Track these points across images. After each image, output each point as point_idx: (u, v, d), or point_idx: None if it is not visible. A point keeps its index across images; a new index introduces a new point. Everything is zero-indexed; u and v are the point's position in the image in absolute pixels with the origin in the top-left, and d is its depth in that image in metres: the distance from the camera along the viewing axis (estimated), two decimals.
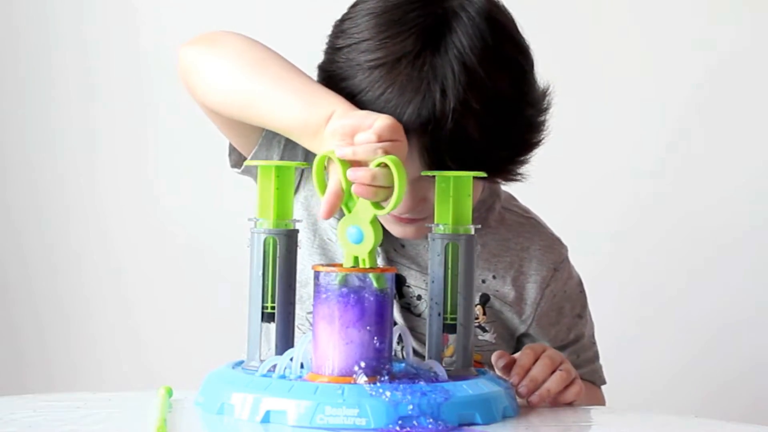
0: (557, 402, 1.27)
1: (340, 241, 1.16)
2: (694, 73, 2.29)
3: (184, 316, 2.44)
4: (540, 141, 1.34)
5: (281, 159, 1.39)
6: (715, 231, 2.29)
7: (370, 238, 1.15)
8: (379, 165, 1.14)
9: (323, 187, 1.17)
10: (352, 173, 1.14)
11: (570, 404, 1.28)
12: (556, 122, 2.26)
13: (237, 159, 1.43)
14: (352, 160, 1.15)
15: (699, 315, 2.29)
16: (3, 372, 2.46)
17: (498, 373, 1.29)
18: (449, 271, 1.20)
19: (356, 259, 1.16)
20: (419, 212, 1.33)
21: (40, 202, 2.47)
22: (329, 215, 1.15)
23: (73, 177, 2.46)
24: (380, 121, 1.16)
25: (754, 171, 2.29)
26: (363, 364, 1.12)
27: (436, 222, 1.21)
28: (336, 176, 1.16)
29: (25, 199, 2.47)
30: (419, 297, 1.42)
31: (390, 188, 1.14)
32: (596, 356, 1.53)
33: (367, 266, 1.15)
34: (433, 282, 1.20)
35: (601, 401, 1.52)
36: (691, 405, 2.27)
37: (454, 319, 1.20)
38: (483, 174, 1.28)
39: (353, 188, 1.14)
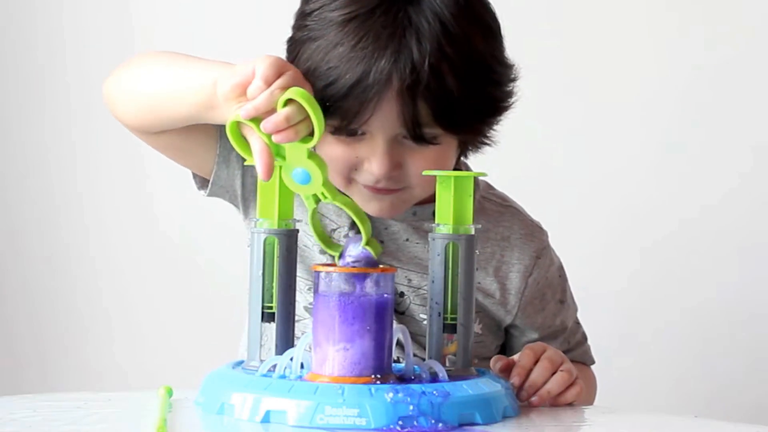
0: (557, 402, 1.27)
1: (291, 188, 1.17)
2: (692, 74, 2.28)
3: (184, 316, 2.44)
4: (507, 107, 1.35)
5: (244, 171, 1.41)
6: (715, 231, 2.29)
7: (317, 172, 1.16)
8: (285, 104, 1.15)
9: (248, 152, 1.17)
10: (267, 124, 1.15)
11: (570, 404, 1.28)
12: (555, 123, 2.26)
13: (202, 181, 1.44)
14: (257, 115, 1.16)
15: (699, 315, 2.29)
16: (1, 373, 2.46)
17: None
18: (449, 271, 1.20)
19: (316, 197, 1.17)
20: (395, 181, 1.33)
21: (37, 202, 2.46)
22: (269, 173, 1.16)
23: (70, 177, 2.45)
24: (260, 65, 1.17)
25: (751, 171, 2.28)
26: (363, 365, 1.12)
27: (436, 222, 1.21)
28: (254, 136, 1.16)
29: (22, 200, 2.47)
30: (402, 294, 1.41)
31: (308, 119, 1.15)
32: (584, 337, 1.54)
33: (329, 199, 1.16)
34: (433, 282, 1.20)
35: (592, 380, 1.53)
36: (691, 405, 2.27)
37: (455, 319, 1.20)
38: (484, 174, 1.28)
39: (275, 138, 1.15)
